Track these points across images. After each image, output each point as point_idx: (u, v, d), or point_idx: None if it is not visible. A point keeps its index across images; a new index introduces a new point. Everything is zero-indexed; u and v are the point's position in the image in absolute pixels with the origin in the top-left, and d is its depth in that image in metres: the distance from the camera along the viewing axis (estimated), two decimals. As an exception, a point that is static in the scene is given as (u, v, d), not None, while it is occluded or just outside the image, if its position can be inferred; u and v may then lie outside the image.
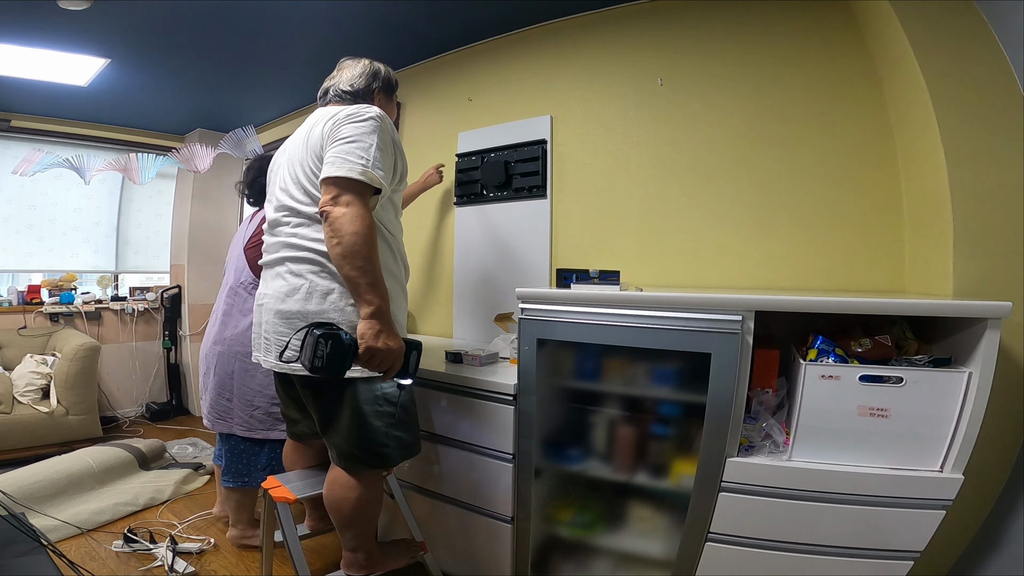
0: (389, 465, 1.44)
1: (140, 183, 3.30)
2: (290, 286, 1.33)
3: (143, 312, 3.84)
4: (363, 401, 1.36)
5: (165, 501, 2.39)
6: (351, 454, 1.38)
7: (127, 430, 3.48)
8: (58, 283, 3.59)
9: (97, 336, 3.56)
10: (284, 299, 1.33)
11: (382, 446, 1.38)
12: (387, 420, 1.39)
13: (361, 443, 1.37)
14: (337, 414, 1.37)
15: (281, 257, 1.38)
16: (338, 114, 1.31)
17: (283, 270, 1.36)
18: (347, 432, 1.36)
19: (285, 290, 1.34)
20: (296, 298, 1.32)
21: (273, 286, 1.38)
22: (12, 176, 3.18)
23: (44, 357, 3.18)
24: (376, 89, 1.50)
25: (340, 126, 1.28)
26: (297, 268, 1.33)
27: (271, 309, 1.37)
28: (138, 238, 4.03)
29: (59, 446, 2.88)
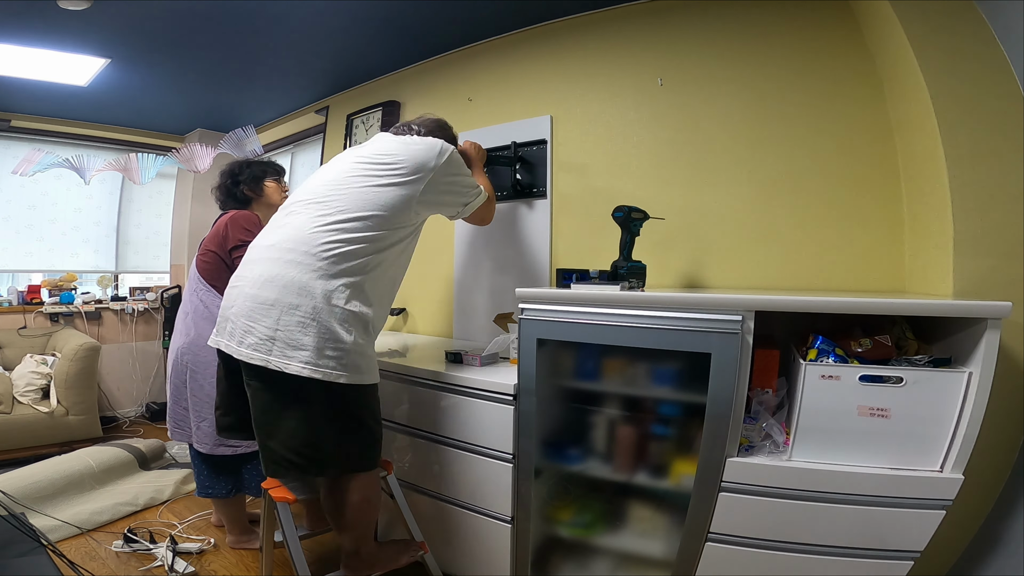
0: (328, 475, 1.35)
1: (140, 183, 3.31)
2: (275, 274, 1.31)
3: (143, 312, 3.84)
4: (316, 406, 1.27)
5: (165, 501, 2.39)
6: (285, 460, 1.28)
7: (127, 430, 3.48)
8: (58, 283, 3.59)
9: (97, 336, 3.56)
10: (265, 285, 1.30)
11: (325, 454, 1.29)
12: (340, 428, 1.31)
13: (302, 448, 1.27)
14: (277, 413, 1.28)
15: (284, 247, 1.37)
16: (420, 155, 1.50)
17: (282, 258, 1.36)
18: (287, 436, 1.27)
19: (264, 274, 1.33)
20: (277, 286, 1.28)
21: (259, 270, 1.35)
22: (12, 176, 3.18)
23: (44, 357, 3.18)
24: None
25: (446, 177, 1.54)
26: (290, 259, 1.34)
27: (248, 292, 1.32)
28: (138, 238, 4.03)
29: (59, 446, 2.88)
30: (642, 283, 1.57)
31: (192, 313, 1.88)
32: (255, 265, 1.34)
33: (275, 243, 1.35)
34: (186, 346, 1.87)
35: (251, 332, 1.26)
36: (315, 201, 1.38)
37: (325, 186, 1.41)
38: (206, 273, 1.89)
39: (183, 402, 1.90)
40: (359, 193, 1.37)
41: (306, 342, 1.24)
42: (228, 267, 1.87)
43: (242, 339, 1.27)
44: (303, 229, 1.33)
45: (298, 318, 1.25)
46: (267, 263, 1.32)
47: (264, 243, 1.39)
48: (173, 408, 1.94)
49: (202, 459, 1.93)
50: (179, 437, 1.95)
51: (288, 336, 1.24)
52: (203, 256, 1.92)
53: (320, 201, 1.37)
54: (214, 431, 1.84)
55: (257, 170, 2.07)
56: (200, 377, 1.85)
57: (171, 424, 1.96)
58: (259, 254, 1.37)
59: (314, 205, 1.37)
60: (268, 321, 1.25)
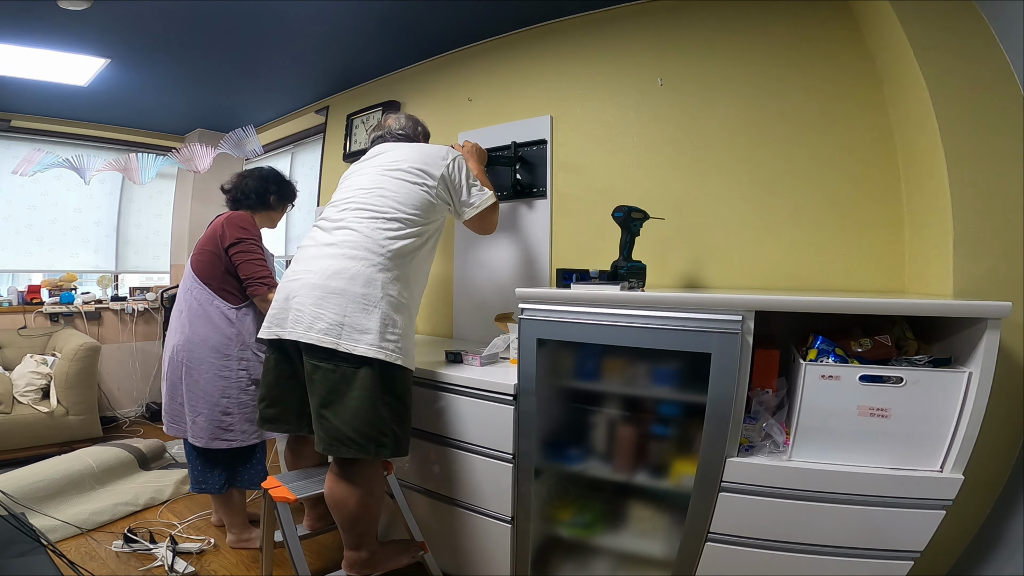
0: (381, 456, 1.43)
1: (140, 183, 3.31)
2: (341, 266, 1.44)
3: (143, 312, 3.84)
4: (377, 386, 1.39)
5: (165, 501, 2.39)
6: (348, 439, 1.37)
7: (127, 430, 3.48)
8: (58, 283, 3.59)
9: (97, 336, 3.56)
10: (331, 276, 1.43)
11: (383, 435, 1.40)
12: (391, 412, 1.42)
13: (363, 428, 1.37)
14: (343, 393, 1.38)
15: (342, 240, 1.51)
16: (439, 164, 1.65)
17: (339, 252, 1.49)
18: (351, 415, 1.37)
19: (331, 267, 1.45)
20: (340, 276, 1.43)
21: (322, 264, 1.47)
22: (12, 176, 3.18)
23: (44, 357, 3.18)
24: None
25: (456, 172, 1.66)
26: (351, 252, 1.47)
27: (314, 283, 1.44)
28: (138, 238, 4.03)
29: (59, 446, 2.89)
30: (642, 283, 1.57)
31: (187, 311, 1.91)
32: (318, 261, 1.47)
33: (335, 242, 1.48)
34: (182, 343, 1.89)
35: (320, 318, 1.39)
36: (362, 207, 1.52)
37: (366, 194, 1.54)
38: (201, 272, 1.91)
39: (179, 398, 1.93)
40: (397, 195, 1.52)
41: (371, 326, 1.39)
42: (224, 266, 1.88)
43: (311, 325, 1.39)
44: (361, 230, 1.47)
45: (363, 305, 1.39)
46: (332, 259, 1.45)
47: (321, 241, 1.52)
48: (169, 404, 1.96)
49: (197, 453, 1.95)
50: (175, 432, 1.97)
51: (355, 321, 1.38)
52: (199, 255, 1.94)
53: (367, 207, 1.51)
54: (210, 425, 1.86)
55: (288, 190, 2.16)
56: (195, 373, 1.87)
57: (167, 420, 1.98)
58: (319, 252, 1.49)
59: (363, 210, 1.51)
60: (336, 308, 1.39)
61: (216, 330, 1.87)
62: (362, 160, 1.70)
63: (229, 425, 1.87)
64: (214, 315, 1.87)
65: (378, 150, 1.69)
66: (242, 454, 1.97)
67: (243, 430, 1.89)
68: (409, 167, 1.56)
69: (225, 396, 1.86)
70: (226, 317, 1.87)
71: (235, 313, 1.88)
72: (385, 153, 1.65)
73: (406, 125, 1.79)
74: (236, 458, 1.98)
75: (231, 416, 1.86)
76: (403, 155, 1.61)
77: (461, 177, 1.62)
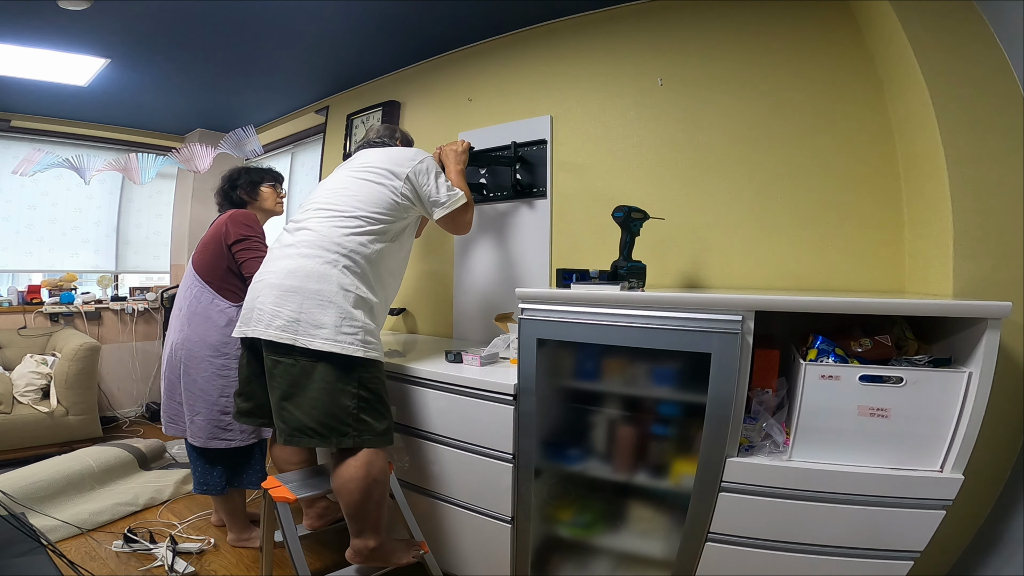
0: (344, 445, 1.45)
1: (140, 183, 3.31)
2: (298, 266, 1.51)
3: (143, 312, 3.84)
4: (336, 378, 1.43)
5: (165, 501, 2.39)
6: (309, 429, 1.42)
7: (127, 430, 3.48)
8: (58, 283, 3.59)
9: (97, 336, 3.56)
10: (290, 276, 1.49)
11: (344, 425, 1.43)
12: (357, 402, 1.45)
13: (324, 419, 1.42)
14: (303, 386, 1.43)
15: (301, 241, 1.58)
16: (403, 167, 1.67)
17: (296, 252, 1.56)
18: (310, 406, 1.42)
19: (290, 267, 1.51)
20: (301, 275, 1.49)
21: (282, 265, 1.54)
22: (12, 176, 3.18)
23: (44, 357, 3.18)
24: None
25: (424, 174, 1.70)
26: (308, 252, 1.54)
27: (273, 283, 1.50)
28: (138, 238, 4.03)
29: (59, 446, 2.88)
30: (642, 283, 1.57)
31: (186, 309, 1.91)
32: (278, 262, 1.54)
33: (294, 243, 1.55)
34: (180, 342, 1.89)
35: (278, 316, 1.44)
36: (323, 207, 1.59)
37: (330, 194, 1.62)
38: (202, 270, 1.92)
39: (177, 397, 1.93)
40: (358, 195, 1.59)
41: (326, 321, 1.43)
42: (227, 263, 1.89)
43: (270, 323, 1.45)
44: (318, 229, 1.54)
45: (317, 301, 1.45)
46: (289, 259, 1.52)
47: (283, 243, 1.59)
48: (167, 403, 1.97)
49: (197, 453, 1.95)
50: (173, 432, 1.98)
51: (311, 317, 1.44)
52: (201, 253, 1.95)
53: (327, 207, 1.58)
54: (208, 425, 1.86)
55: (255, 175, 2.14)
56: (194, 372, 1.86)
57: (165, 419, 1.98)
58: (280, 253, 1.57)
59: (323, 210, 1.58)
60: (292, 305, 1.44)
61: (215, 328, 1.86)
62: (339, 167, 1.77)
63: (228, 425, 1.87)
64: (214, 314, 1.87)
65: (355, 156, 1.76)
66: (242, 454, 1.97)
67: (242, 430, 1.89)
68: (376, 168, 1.62)
69: (224, 395, 1.85)
70: (226, 316, 1.87)
71: (236, 312, 1.88)
72: (358, 158, 1.72)
73: (382, 132, 1.87)
74: (236, 458, 1.97)
75: (230, 416, 1.87)
76: (373, 158, 1.68)
77: (429, 177, 1.65)
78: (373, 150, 1.74)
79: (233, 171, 2.15)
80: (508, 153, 2.17)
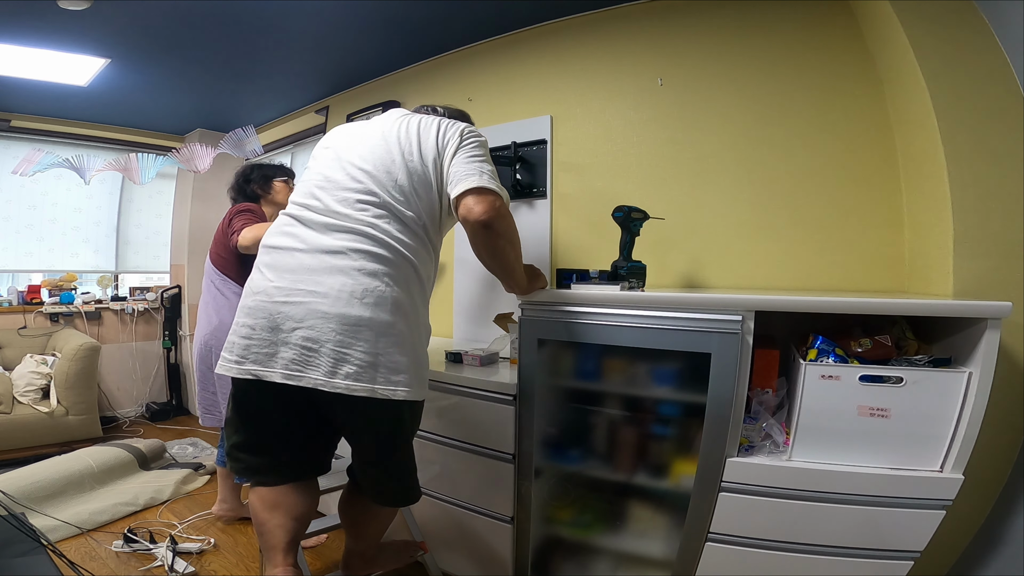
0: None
1: (140, 183, 3.30)
2: (361, 287, 1.10)
3: (143, 312, 3.84)
4: (412, 431, 1.27)
5: (165, 501, 2.39)
6: (409, 491, 1.31)
7: (127, 430, 3.48)
8: (58, 283, 3.59)
9: (97, 336, 3.56)
10: (350, 301, 1.09)
11: (416, 481, 1.33)
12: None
13: (413, 475, 1.31)
14: (392, 445, 1.23)
15: (349, 248, 1.12)
16: (449, 126, 1.24)
17: (353, 266, 1.11)
18: (403, 467, 1.28)
19: (351, 290, 1.09)
20: (368, 302, 1.09)
21: (331, 283, 1.10)
22: (12, 176, 3.18)
23: (44, 357, 3.18)
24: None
25: (465, 140, 1.22)
26: (374, 268, 1.11)
27: (325, 312, 1.08)
28: (138, 238, 4.03)
29: (59, 446, 2.88)
30: (642, 283, 1.57)
31: (212, 302, 2.00)
32: (320, 276, 1.10)
33: (341, 248, 1.12)
34: (211, 332, 1.97)
35: (346, 359, 1.08)
36: (372, 196, 1.18)
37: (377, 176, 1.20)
38: (218, 263, 2.01)
39: (211, 387, 2.00)
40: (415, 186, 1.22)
41: (404, 363, 1.13)
42: (235, 254, 1.94)
43: (334, 368, 1.08)
44: (375, 233, 1.13)
45: (394, 339, 1.12)
46: (343, 274, 1.10)
47: (321, 246, 1.13)
48: (202, 395, 2.04)
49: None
50: (210, 422, 2.05)
51: (389, 359, 1.11)
52: (214, 248, 2.04)
53: (380, 197, 1.18)
54: None
55: (268, 171, 2.20)
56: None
57: (201, 410, 2.06)
58: (319, 262, 1.12)
59: (375, 202, 1.17)
60: (365, 344, 1.09)
61: None
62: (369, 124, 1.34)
63: None
64: (237, 302, 1.93)
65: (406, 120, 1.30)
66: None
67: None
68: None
69: None
70: None
71: None
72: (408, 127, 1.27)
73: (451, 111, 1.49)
74: None
75: None
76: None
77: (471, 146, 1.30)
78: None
79: (246, 166, 2.22)
80: (508, 153, 2.17)
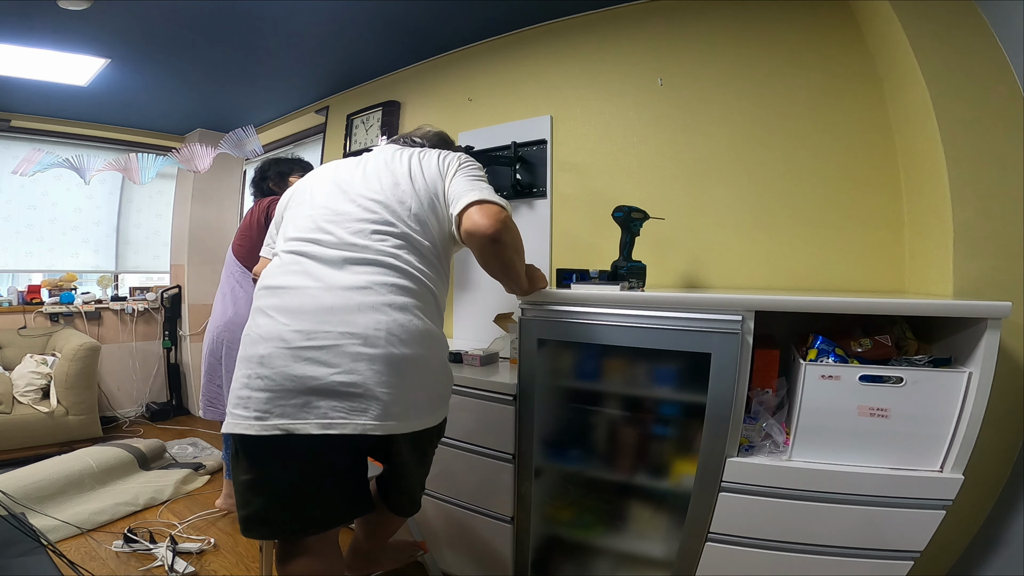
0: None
1: (140, 183, 3.30)
2: (397, 324, 1.05)
3: (143, 312, 3.84)
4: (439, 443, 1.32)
5: (165, 501, 2.39)
6: (419, 500, 1.36)
7: (127, 430, 3.48)
8: (58, 283, 3.59)
9: (97, 336, 3.56)
10: (389, 339, 1.03)
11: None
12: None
13: (423, 487, 1.37)
14: (427, 461, 1.31)
15: (374, 282, 1.06)
16: (447, 155, 1.30)
17: (382, 301, 1.05)
18: (424, 477, 1.34)
19: (387, 327, 1.04)
20: (406, 339, 1.05)
21: (364, 322, 1.03)
22: (12, 176, 3.18)
23: (44, 357, 3.18)
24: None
25: (464, 164, 1.30)
26: (403, 301, 1.07)
27: (365, 353, 1.02)
28: (138, 238, 4.03)
29: (59, 446, 2.88)
30: (642, 283, 1.57)
31: (230, 294, 2.00)
32: (350, 316, 1.03)
33: (367, 284, 1.06)
34: (224, 324, 1.96)
35: (395, 399, 1.03)
36: (388, 226, 1.15)
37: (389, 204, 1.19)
38: (241, 255, 2.02)
39: (217, 379, 1.98)
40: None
41: (443, 391, 1.19)
42: (256, 245, 1.95)
43: (386, 410, 1.02)
44: (397, 264, 1.10)
45: (435, 371, 1.13)
46: (376, 312, 1.04)
47: (338, 283, 1.06)
48: (207, 387, 2.03)
49: None
50: (212, 416, 2.03)
51: (432, 391, 1.13)
52: (238, 240, 2.05)
53: (395, 227, 1.15)
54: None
55: (284, 166, 2.21)
56: (236, 354, 1.91)
57: (204, 403, 2.04)
58: (343, 299, 1.04)
59: (392, 232, 1.14)
60: (412, 381, 1.07)
61: None
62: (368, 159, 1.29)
63: None
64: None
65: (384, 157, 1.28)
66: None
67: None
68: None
69: None
70: None
71: None
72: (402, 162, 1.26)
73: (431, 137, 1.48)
74: None
75: None
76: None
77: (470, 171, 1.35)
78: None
79: (264, 162, 2.23)
80: (508, 153, 2.17)
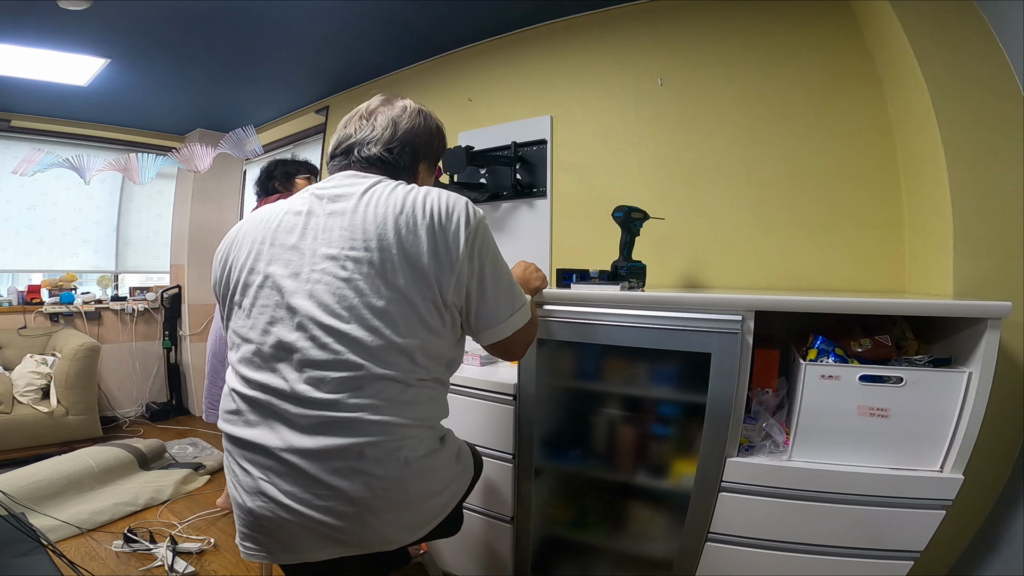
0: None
1: (140, 183, 3.30)
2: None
3: (143, 312, 3.84)
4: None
5: (165, 501, 2.39)
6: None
7: (127, 430, 3.48)
8: (58, 283, 3.59)
9: (97, 336, 3.56)
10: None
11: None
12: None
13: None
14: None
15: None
16: (439, 213, 0.92)
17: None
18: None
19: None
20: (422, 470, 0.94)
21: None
22: (12, 176, 3.18)
23: (44, 357, 3.18)
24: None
25: (475, 245, 0.94)
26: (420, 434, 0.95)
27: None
28: (138, 238, 4.03)
29: (59, 446, 2.88)
30: (642, 283, 1.57)
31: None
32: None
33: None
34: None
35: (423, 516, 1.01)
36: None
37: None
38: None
39: (220, 382, 1.98)
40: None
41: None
42: None
43: (413, 529, 0.97)
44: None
45: (459, 479, 1.13)
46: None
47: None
48: (210, 389, 2.03)
49: None
50: (214, 418, 2.03)
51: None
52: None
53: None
54: None
55: (290, 167, 2.19)
56: None
57: (207, 405, 2.05)
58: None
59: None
60: (438, 498, 1.05)
61: None
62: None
63: None
64: None
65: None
66: None
67: None
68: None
69: None
70: None
71: None
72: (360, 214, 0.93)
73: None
74: None
75: None
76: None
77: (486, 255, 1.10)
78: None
79: (270, 162, 2.22)
80: (508, 153, 2.17)
